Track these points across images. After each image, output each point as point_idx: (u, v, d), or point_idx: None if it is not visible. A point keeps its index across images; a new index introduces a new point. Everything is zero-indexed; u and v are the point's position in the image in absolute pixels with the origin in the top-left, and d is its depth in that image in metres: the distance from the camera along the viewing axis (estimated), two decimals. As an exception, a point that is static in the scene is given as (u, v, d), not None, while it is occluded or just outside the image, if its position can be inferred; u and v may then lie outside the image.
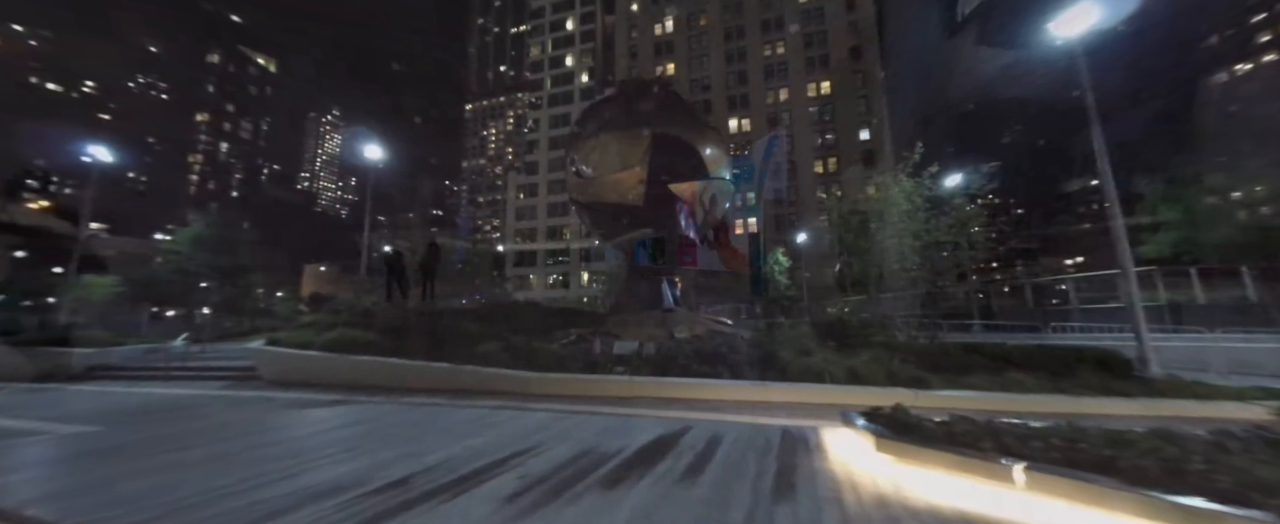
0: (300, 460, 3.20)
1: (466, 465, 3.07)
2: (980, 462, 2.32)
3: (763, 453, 3.23)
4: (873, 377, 7.41)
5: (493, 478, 2.81)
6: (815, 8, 58.20)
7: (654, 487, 2.62)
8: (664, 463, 3.05)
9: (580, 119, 12.31)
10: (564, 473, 2.90)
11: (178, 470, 2.94)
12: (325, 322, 12.04)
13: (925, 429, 2.78)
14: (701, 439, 3.74)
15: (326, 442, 3.87)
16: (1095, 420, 3.58)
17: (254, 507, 2.45)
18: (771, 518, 2.15)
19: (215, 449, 3.35)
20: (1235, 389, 6.87)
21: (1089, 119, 8.32)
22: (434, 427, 4.55)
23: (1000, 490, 2.33)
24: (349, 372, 9.32)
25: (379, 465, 3.09)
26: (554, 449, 3.52)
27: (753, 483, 2.61)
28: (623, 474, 2.84)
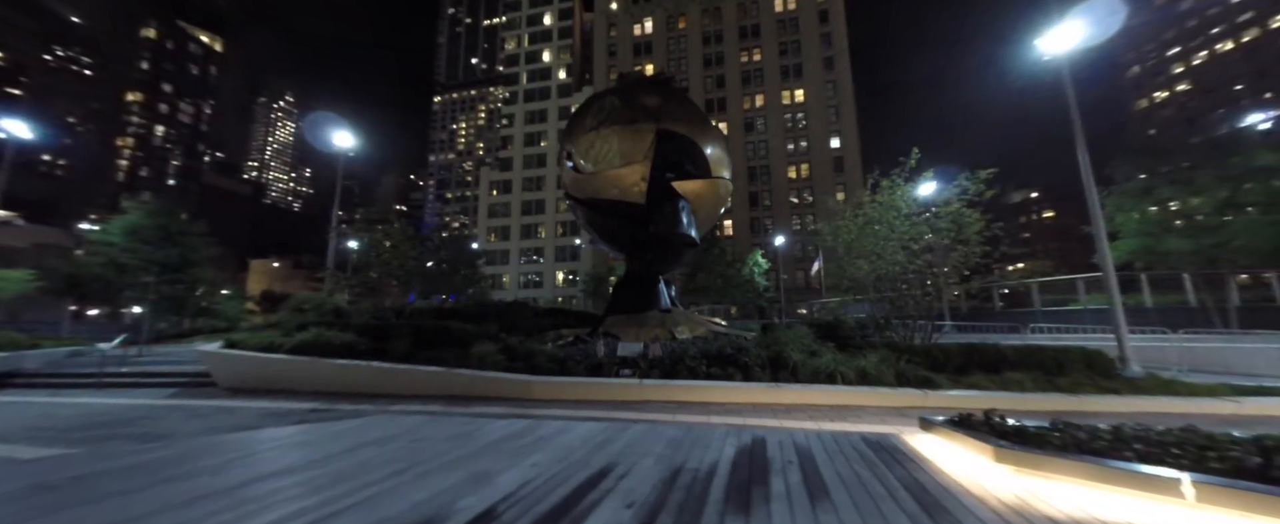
0: (342, 494, 2.61)
1: (552, 492, 2.65)
2: (1130, 473, 2.18)
3: (867, 465, 2.99)
4: (882, 377, 7.46)
5: (595, 507, 2.41)
6: (791, 18, 59.91)
7: (794, 511, 2.32)
8: (775, 481, 2.75)
9: (578, 112, 11.88)
10: (676, 496, 2.54)
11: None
12: (291, 322, 11.05)
13: (1047, 438, 2.65)
14: (788, 450, 3.46)
15: (355, 466, 3.21)
16: (1092, 418, 3.69)
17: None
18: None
19: (206, 485, 2.72)
20: (1207, 386, 7.39)
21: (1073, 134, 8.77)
22: (472, 441, 4.05)
23: (1160, 504, 2.20)
24: (325, 377, 8.50)
25: (445, 494, 2.60)
26: (638, 466, 3.18)
27: (893, 503, 2.35)
28: (743, 496, 2.53)
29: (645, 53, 64.14)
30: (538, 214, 63.03)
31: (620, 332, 10.55)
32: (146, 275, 15.53)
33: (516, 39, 72.95)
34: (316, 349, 8.96)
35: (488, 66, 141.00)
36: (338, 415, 6.56)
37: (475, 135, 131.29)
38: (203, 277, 18.32)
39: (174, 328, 20.50)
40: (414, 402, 7.53)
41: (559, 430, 4.42)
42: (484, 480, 2.85)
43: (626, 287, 11.99)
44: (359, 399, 7.78)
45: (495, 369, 8.17)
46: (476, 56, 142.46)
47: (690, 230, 10.41)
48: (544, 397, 7.57)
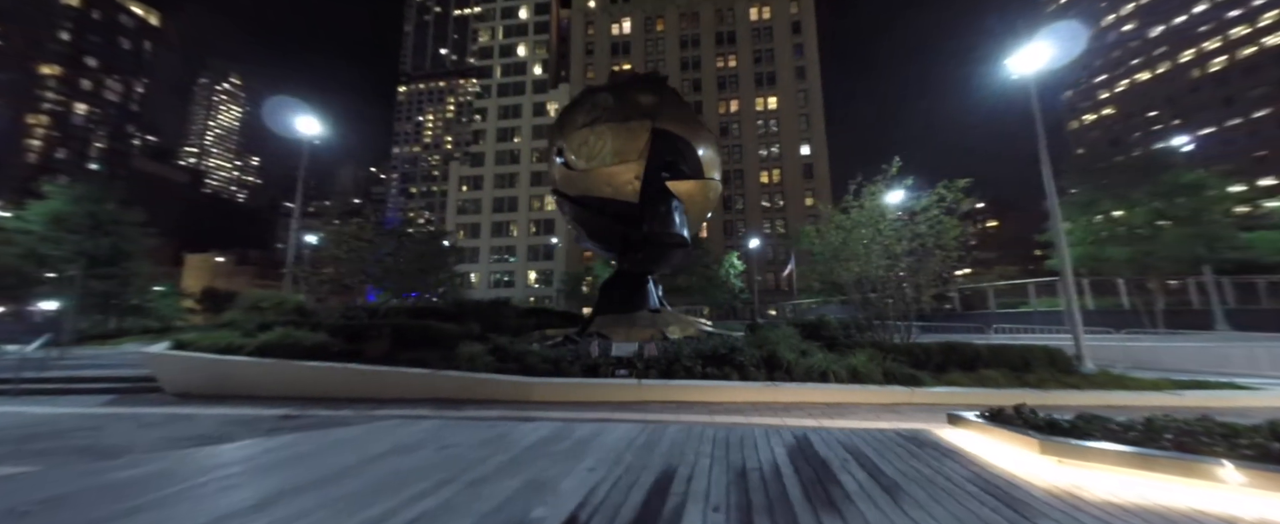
0: (394, 510, 2.40)
1: (626, 497, 2.51)
2: (1175, 460, 2.35)
3: (919, 460, 3.05)
4: (872, 376, 7.73)
5: (682, 512, 2.31)
6: (765, 27, 61.62)
7: (881, 506, 2.32)
8: (844, 478, 2.74)
9: (569, 107, 11.65)
10: (756, 498, 2.47)
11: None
12: (249, 321, 10.22)
13: (1085, 430, 2.81)
14: (836, 448, 3.47)
15: (389, 477, 2.86)
16: (1062, 410, 4.02)
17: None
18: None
19: (219, 506, 2.36)
20: (1151, 381, 8.15)
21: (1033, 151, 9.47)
22: (507, 446, 3.79)
23: (1204, 488, 2.35)
24: (294, 380, 7.87)
25: (511, 504, 2.39)
26: (699, 468, 3.11)
27: (968, 496, 2.39)
28: (822, 493, 2.51)
29: (623, 53, 64.07)
30: (510, 212, 61.54)
31: (610, 332, 10.42)
32: (71, 268, 13.88)
33: (490, 31, 70.99)
34: (283, 350, 8.29)
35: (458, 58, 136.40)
36: (317, 422, 6.08)
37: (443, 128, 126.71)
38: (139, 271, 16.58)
39: (98, 328, 18.40)
40: (397, 406, 7.10)
41: (595, 433, 4.26)
42: (546, 488, 2.69)
43: (615, 287, 11.86)
44: (334, 404, 7.25)
45: (486, 371, 7.84)
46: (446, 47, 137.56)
47: (683, 231, 10.43)
48: (541, 398, 7.34)
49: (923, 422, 5.80)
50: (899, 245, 9.23)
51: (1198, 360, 10.84)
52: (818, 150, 56.38)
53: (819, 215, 15.47)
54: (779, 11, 61.27)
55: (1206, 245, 12.88)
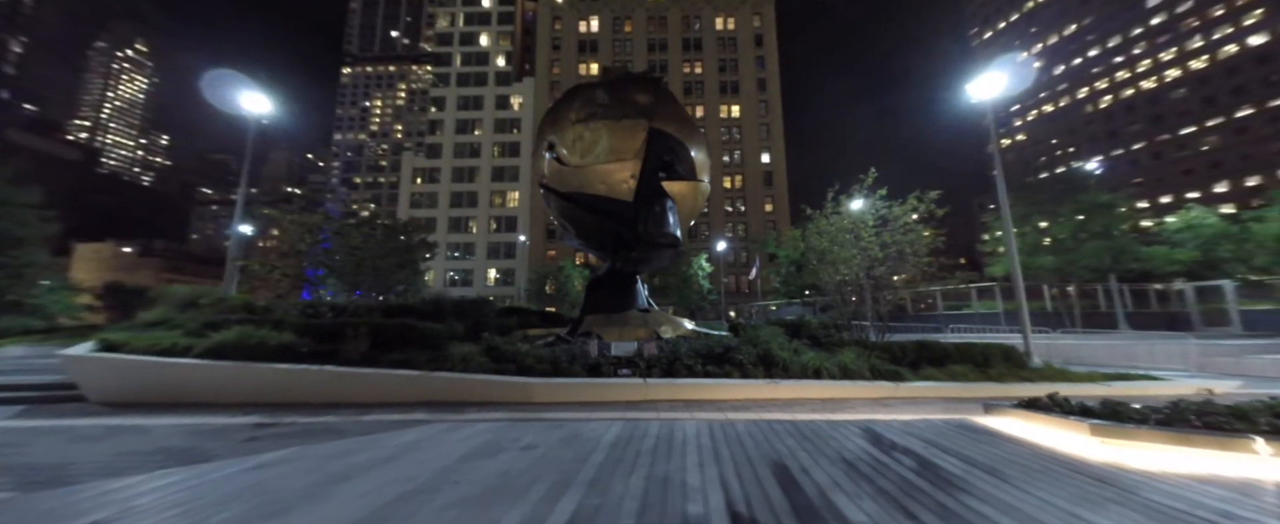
0: (540, 514, 2.35)
1: (766, 491, 2.53)
2: (1208, 435, 2.73)
3: (989, 446, 3.33)
4: (860, 372, 8.22)
5: (831, 503, 2.38)
6: (730, 37, 63.64)
7: (997, 485, 2.52)
8: (942, 462, 2.96)
9: (561, 102, 11.39)
10: (886, 483, 2.68)
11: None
12: (190, 320, 9.11)
13: (1122, 413, 3.17)
14: (907, 438, 3.72)
15: (498, 478, 2.80)
16: (1017, 398, 4.65)
17: None
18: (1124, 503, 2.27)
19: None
20: (1085, 374, 9.32)
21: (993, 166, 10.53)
22: (593, 446, 3.65)
23: (1235, 458, 2.76)
24: (257, 385, 7.08)
25: (658, 501, 2.42)
26: (802, 459, 3.24)
27: (1059, 475, 2.66)
28: (937, 477, 2.70)
29: (590, 51, 63.53)
30: (469, 207, 58.94)
31: (603, 331, 10.30)
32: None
33: (449, 17, 67.68)
34: (244, 352, 7.44)
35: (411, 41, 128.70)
36: (303, 430, 5.50)
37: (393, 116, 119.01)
38: (32, 261, 14.10)
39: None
40: (386, 410, 6.58)
41: (667, 432, 4.23)
42: (676, 485, 2.67)
43: (604, 286, 11.74)
44: (310, 410, 6.59)
45: (481, 372, 7.47)
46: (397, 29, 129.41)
47: (676, 231, 10.52)
48: (543, 399, 7.10)
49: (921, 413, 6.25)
50: (879, 251, 9.89)
51: (1110, 356, 12.54)
52: (777, 159, 59.01)
53: (777, 222, 15.81)
54: (743, 24, 63.53)
55: (1114, 257, 15.09)
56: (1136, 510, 2.42)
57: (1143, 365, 11.65)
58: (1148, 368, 11.13)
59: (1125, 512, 2.40)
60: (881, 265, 10.05)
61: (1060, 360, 11.63)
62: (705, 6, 63.94)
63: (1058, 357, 12.05)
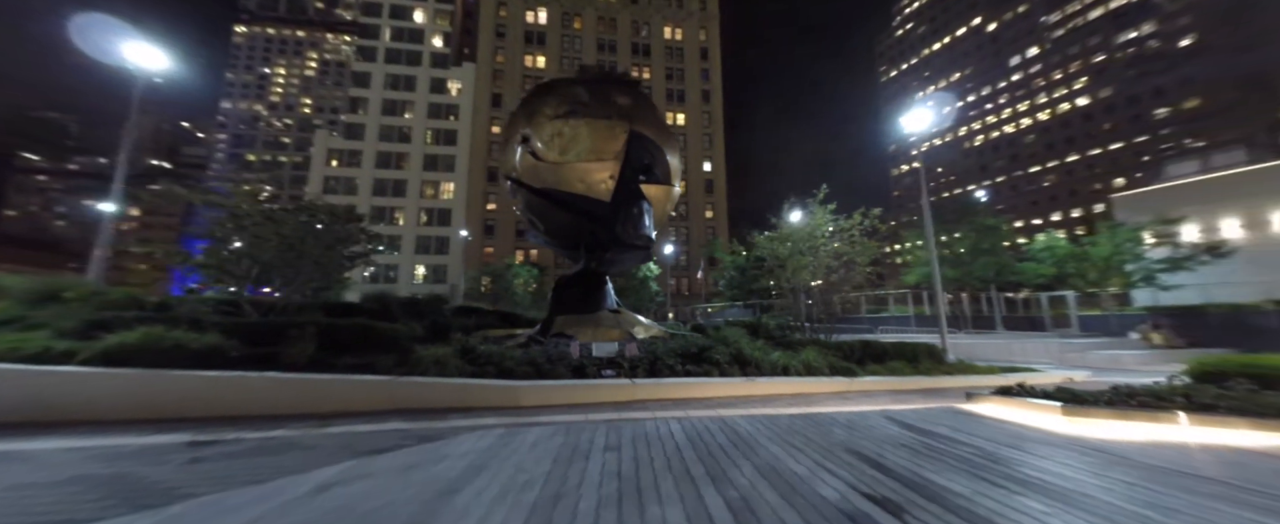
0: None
1: (867, 475, 2.76)
2: (1144, 411, 3.50)
3: (987, 427, 3.95)
4: (821, 368, 9.04)
5: (923, 472, 2.68)
6: (677, 47, 65.65)
7: (1015, 455, 3.08)
8: (965, 441, 3.55)
9: (536, 94, 11.02)
10: (934, 462, 2.95)
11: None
12: (57, 319, 7.47)
13: (1082, 397, 3.89)
14: (921, 424, 4.32)
15: (633, 483, 2.82)
16: (951, 388, 5.58)
17: None
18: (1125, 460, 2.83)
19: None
20: (986, 367, 11.16)
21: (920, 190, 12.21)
22: (657, 443, 3.63)
23: (1163, 427, 3.74)
24: (179, 396, 5.96)
25: (799, 493, 2.62)
26: (881, 454, 3.56)
27: (1044, 447, 3.25)
28: (976, 451, 3.17)
29: (537, 43, 61.64)
30: (396, 196, 53.87)
31: (576, 332, 10.13)
32: None
33: (379, -15, 61.38)
34: (154, 357, 6.20)
35: (326, 4, 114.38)
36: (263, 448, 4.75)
37: (301, 88, 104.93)
38: None
39: None
40: (349, 421, 5.86)
41: (704, 429, 4.39)
42: (787, 477, 2.80)
43: (573, 286, 11.54)
44: (251, 424, 5.67)
45: (459, 375, 7.00)
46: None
47: (651, 233, 10.71)
48: (531, 403, 6.83)
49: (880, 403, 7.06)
50: (833, 260, 10.96)
51: (996, 352, 15.10)
52: (718, 168, 61.99)
53: (716, 229, 16.83)
54: (689, 36, 65.93)
55: (997, 271, 18.33)
56: (1136, 468, 3.23)
57: (1019, 359, 14.21)
58: (1024, 362, 13.59)
59: (1127, 469, 3.20)
60: (835, 272, 11.13)
61: (964, 357, 13.76)
62: (655, 15, 65.30)
63: (960, 353, 14.21)
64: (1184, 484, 2.97)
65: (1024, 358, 14.63)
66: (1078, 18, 73.56)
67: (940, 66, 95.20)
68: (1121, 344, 15.43)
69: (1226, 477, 2.97)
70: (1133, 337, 15.84)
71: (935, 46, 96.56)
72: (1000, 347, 15.70)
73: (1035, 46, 78.65)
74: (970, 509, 2.66)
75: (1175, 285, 16.30)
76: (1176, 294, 16.37)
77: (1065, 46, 74.57)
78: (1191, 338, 14.97)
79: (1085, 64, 71.87)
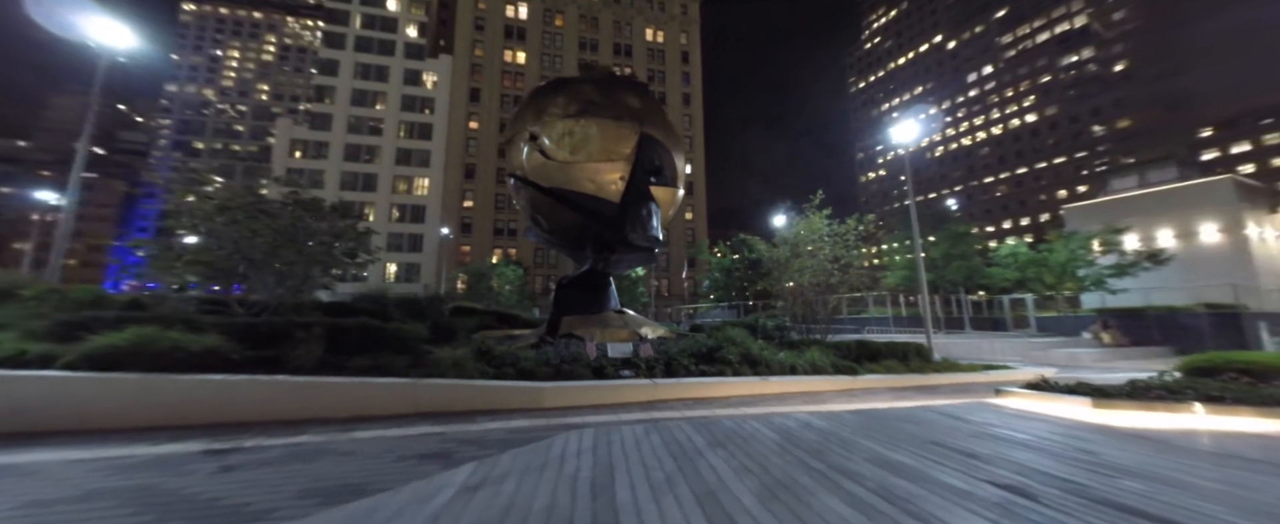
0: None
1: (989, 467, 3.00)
2: (1163, 402, 3.89)
3: (1029, 420, 4.34)
4: (825, 367, 9.41)
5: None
6: (659, 49, 66.10)
7: (1062, 443, 3.40)
8: (1020, 438, 3.89)
9: (544, 92, 10.89)
10: (1021, 449, 3.28)
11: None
12: (18, 319, 6.86)
13: (1106, 391, 4.27)
14: (970, 418, 4.72)
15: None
16: (942, 386, 5.98)
17: None
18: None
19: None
20: (967, 365, 11.92)
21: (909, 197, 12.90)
22: (787, 442, 3.76)
23: (1180, 416, 4.13)
24: (176, 401, 5.56)
25: (955, 485, 2.83)
26: (954, 443, 3.78)
27: (1083, 433, 3.55)
28: (1038, 440, 3.47)
29: (517, 38, 60.51)
30: (366, 191, 51.50)
31: (584, 333, 10.07)
32: None
33: (348, -31, 58.47)
34: (151, 360, 5.76)
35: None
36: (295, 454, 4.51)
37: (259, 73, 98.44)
38: None
39: None
40: (371, 425, 5.63)
41: (772, 425, 4.52)
42: (903, 470, 3.03)
43: (577, 287, 11.48)
44: (266, 430, 5.37)
45: (478, 377, 6.85)
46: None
47: (660, 235, 10.80)
48: (554, 404, 6.77)
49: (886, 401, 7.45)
50: (831, 263, 11.41)
51: (970, 351, 16.11)
52: (698, 170, 62.80)
53: (696, 231, 17.16)
54: (670, 38, 66.52)
55: (968, 275, 19.63)
56: (1193, 453, 3.66)
57: (990, 358, 15.24)
58: (996, 360, 14.59)
59: (1184, 454, 3.63)
60: (834, 275, 11.60)
61: (943, 355, 14.63)
62: (636, 16, 65.48)
63: (939, 352, 15.14)
64: (1241, 464, 3.44)
65: (994, 356, 15.68)
66: (1027, 40, 79.37)
67: (905, 80, 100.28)
68: (1077, 343, 16.82)
69: (1266, 457, 3.49)
70: (1085, 336, 17.29)
71: (901, 61, 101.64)
72: (971, 346, 16.78)
73: (990, 65, 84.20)
74: (1092, 490, 2.96)
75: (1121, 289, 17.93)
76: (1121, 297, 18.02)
77: (1016, 66, 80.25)
78: (1134, 337, 16.52)
79: (1034, 83, 77.61)
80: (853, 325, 20.43)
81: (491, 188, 55.44)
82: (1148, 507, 2.76)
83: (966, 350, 16.44)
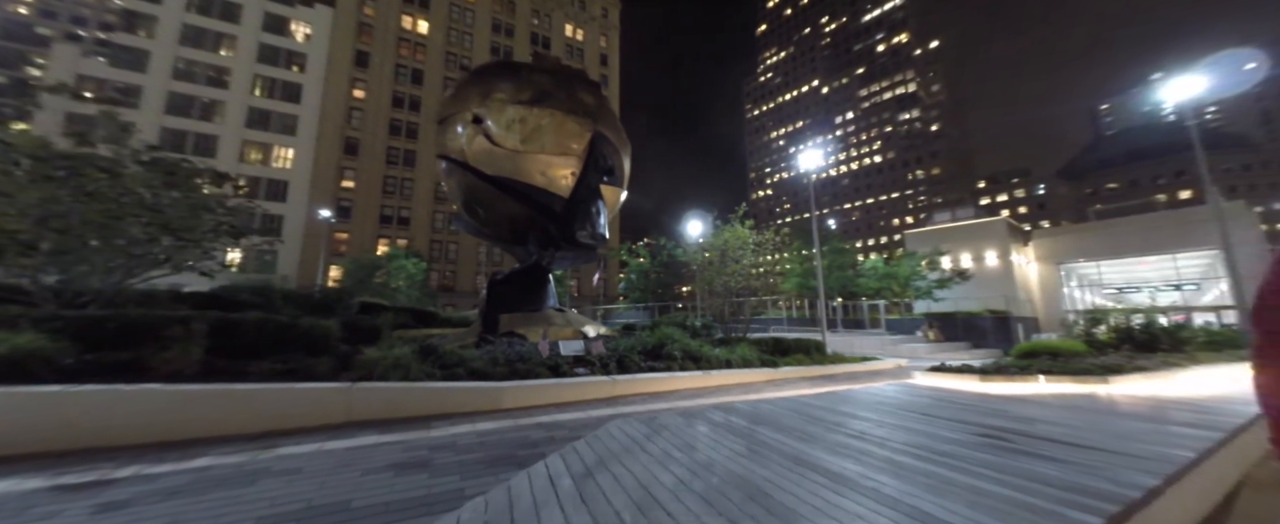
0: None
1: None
2: (1020, 376, 5.25)
3: (944, 393, 5.29)
4: (753, 361, 10.50)
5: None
6: (578, 48, 65.36)
7: (976, 406, 4.11)
8: (952, 401, 4.55)
9: (485, 74, 10.14)
10: (963, 411, 3.87)
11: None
12: None
13: (987, 370, 5.57)
14: (902, 396, 5.48)
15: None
16: (841, 374, 7.53)
17: None
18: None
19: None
20: (851, 357, 14.37)
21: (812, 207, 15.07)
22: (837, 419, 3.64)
23: (1029, 385, 5.45)
24: (6, 421, 3.95)
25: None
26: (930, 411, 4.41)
27: (974, 397, 4.57)
28: (961, 406, 4.16)
29: (419, 4, 54.19)
30: (200, 155, 40.62)
31: (526, 331, 9.67)
32: None
33: (185, -127, 45.78)
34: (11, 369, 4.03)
35: None
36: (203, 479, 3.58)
37: (13, -25, 70.90)
38: None
39: None
40: (291, 439, 4.70)
41: (790, 408, 4.76)
42: (904, 431, 3.31)
43: (514, 283, 10.93)
44: (132, 455, 4.12)
45: (425, 379, 6.16)
46: None
47: (605, 234, 10.90)
48: (513, 404, 6.41)
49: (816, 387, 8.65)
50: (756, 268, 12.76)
51: (846, 346, 19.30)
52: (611, 173, 63.51)
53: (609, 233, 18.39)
54: (590, 39, 66.36)
55: (843, 283, 23.70)
56: (1023, 401, 4.94)
57: (860, 351, 18.52)
58: (867, 353, 17.78)
59: (1022, 403, 4.84)
60: (755, 279, 12.96)
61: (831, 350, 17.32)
62: (556, 10, 63.89)
63: (824, 348, 17.90)
64: (1072, 405, 5.01)
65: (862, 350, 19.08)
66: (877, 96, 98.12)
67: (789, 114, 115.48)
68: (914, 339, 21.40)
69: (1087, 404, 5.11)
70: (918, 334, 22.10)
71: (787, 96, 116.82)
72: (844, 342, 20.19)
73: (852, 112, 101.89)
74: (1036, 432, 3.80)
75: (941, 298, 23.41)
76: (941, 305, 23.50)
77: (869, 116, 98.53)
78: (948, 335, 21.64)
79: (880, 131, 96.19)
80: (758, 325, 22.95)
81: (380, 168, 48.55)
82: (1035, 429, 3.93)
83: (842, 345, 19.68)
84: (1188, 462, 2.65)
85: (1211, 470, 3.03)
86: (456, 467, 3.93)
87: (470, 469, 3.85)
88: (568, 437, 4.82)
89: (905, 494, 2.44)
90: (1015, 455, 2.98)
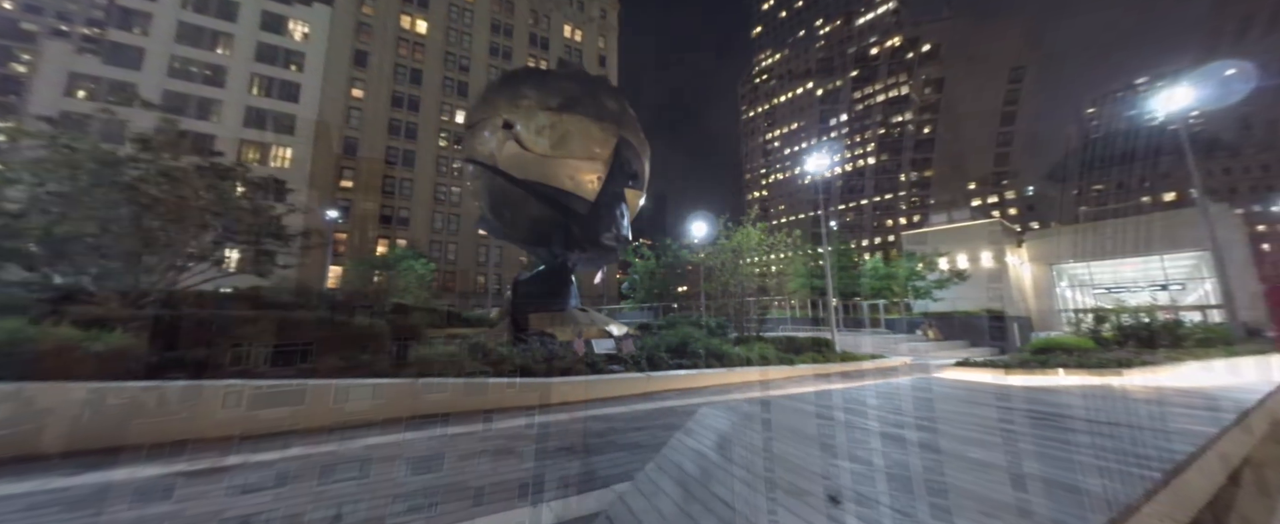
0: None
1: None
2: (1040, 369, 5.68)
3: (969, 388, 5.67)
4: (772, 358, 10.88)
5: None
6: (577, 48, 65.55)
7: (995, 398, 4.47)
8: (977, 396, 4.97)
9: (513, 80, 10.42)
10: (985, 407, 4.20)
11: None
12: None
13: (1007, 363, 5.99)
14: (930, 389, 5.76)
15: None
16: (852, 371, 7.95)
17: None
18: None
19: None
20: (859, 354, 14.82)
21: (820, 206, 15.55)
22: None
23: (1051, 378, 5.84)
24: (94, 417, 4.18)
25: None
26: (973, 400, 4.65)
27: (1002, 394, 4.99)
28: (993, 398, 4.52)
29: (418, 4, 54.05)
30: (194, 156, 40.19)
31: (555, 330, 9.96)
32: None
33: None
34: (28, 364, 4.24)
35: None
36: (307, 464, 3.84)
37: (-2, -31, 69.37)
38: None
39: None
40: (351, 433, 4.93)
41: (848, 400, 5.07)
42: (965, 414, 3.62)
43: (538, 284, 11.23)
44: (220, 448, 4.37)
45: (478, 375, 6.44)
46: None
47: (628, 236, 11.23)
48: (560, 399, 6.71)
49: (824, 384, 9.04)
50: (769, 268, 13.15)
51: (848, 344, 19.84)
52: (610, 174, 63.76)
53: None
54: (589, 40, 66.59)
55: (845, 284, 24.25)
56: (1057, 391, 5.33)
57: (865, 349, 19.04)
58: (873, 351, 18.29)
59: (1051, 392, 5.27)
60: (770, 278, 13.36)
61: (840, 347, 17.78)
62: (555, 11, 64.04)
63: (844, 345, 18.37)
64: (1091, 394, 5.41)
65: (866, 348, 19.60)
66: (870, 99, 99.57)
67: (784, 115, 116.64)
68: (914, 338, 21.99)
69: (1103, 393, 5.49)
70: (918, 332, 22.69)
71: (782, 98, 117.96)
72: (848, 341, 20.70)
73: (846, 114, 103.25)
74: (1075, 413, 4.17)
75: (939, 298, 24.04)
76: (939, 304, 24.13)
77: (863, 118, 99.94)
78: (946, 334, 22.26)
79: (874, 133, 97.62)
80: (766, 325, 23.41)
81: (380, 169, 48.36)
82: (1074, 412, 4.34)
83: (846, 344, 20.16)
84: (1211, 436, 3.05)
85: (1225, 446, 3.44)
86: (536, 453, 4.23)
87: (552, 456, 4.16)
88: (627, 427, 5.13)
89: (999, 459, 2.79)
90: (1068, 432, 3.36)
